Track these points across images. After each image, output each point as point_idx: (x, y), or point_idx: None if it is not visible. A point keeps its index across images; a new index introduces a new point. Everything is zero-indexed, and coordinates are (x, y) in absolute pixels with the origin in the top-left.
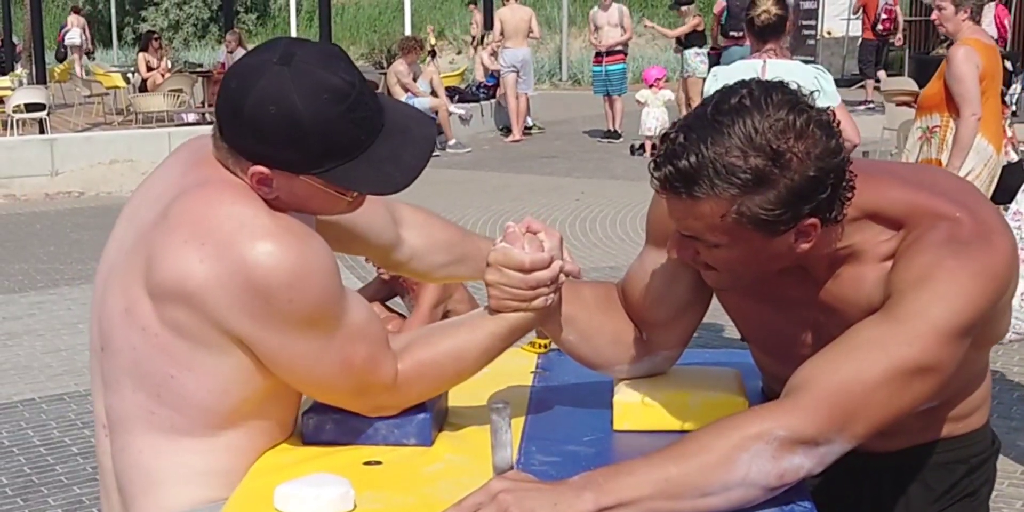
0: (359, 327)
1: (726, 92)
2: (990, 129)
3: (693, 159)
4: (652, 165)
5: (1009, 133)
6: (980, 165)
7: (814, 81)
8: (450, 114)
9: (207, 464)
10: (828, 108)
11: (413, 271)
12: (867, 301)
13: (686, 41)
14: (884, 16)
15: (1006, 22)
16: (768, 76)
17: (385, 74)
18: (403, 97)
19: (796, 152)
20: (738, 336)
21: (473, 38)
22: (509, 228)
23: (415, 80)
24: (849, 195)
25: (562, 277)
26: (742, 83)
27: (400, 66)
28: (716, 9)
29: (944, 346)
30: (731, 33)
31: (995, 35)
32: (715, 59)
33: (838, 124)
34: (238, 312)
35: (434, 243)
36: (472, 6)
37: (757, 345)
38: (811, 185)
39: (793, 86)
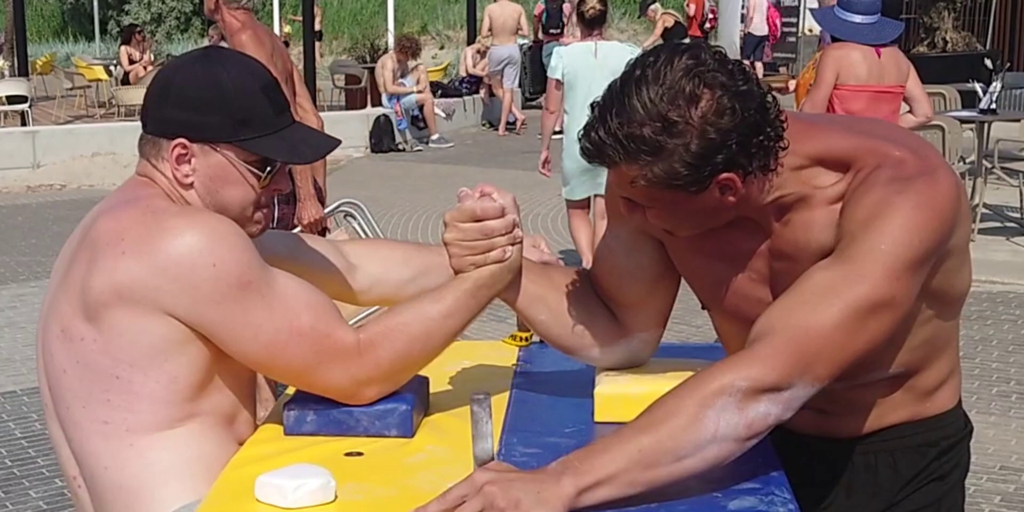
0: (295, 295)
1: (636, 63)
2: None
3: (601, 132)
4: (578, 138)
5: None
6: None
7: (628, 55)
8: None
9: (172, 456)
10: (739, 63)
11: (381, 296)
12: (818, 245)
13: (671, 37)
14: (710, 15)
15: (777, 22)
16: (599, 55)
17: (369, 68)
18: (386, 95)
19: (688, 118)
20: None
21: (320, 33)
22: (462, 191)
23: (403, 76)
24: (781, 145)
25: (518, 232)
26: (653, 51)
27: (388, 61)
28: (536, 11)
29: (895, 280)
30: (551, 31)
31: (766, 32)
32: (537, 51)
33: (746, 81)
34: (170, 291)
35: (389, 263)
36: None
37: (716, 309)
38: (710, 147)
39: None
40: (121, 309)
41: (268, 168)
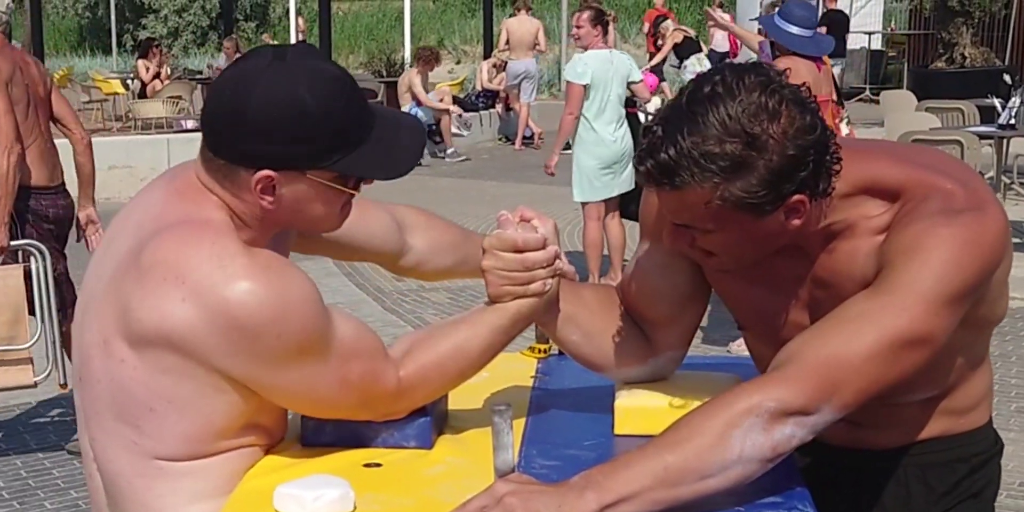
0: (350, 345)
1: (700, 81)
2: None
3: (672, 151)
4: (636, 160)
5: (845, 131)
6: None
7: (629, 63)
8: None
9: (201, 484)
10: (804, 85)
11: (420, 275)
12: (861, 274)
13: (681, 53)
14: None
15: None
16: (615, 62)
17: (385, 82)
18: (406, 106)
19: (771, 133)
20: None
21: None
22: (503, 215)
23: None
24: (837, 168)
25: (558, 263)
26: (716, 70)
27: (415, 76)
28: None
29: (934, 316)
30: None
31: (727, 49)
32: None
33: (814, 99)
34: (226, 352)
35: (438, 246)
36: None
37: (753, 332)
38: (791, 164)
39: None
40: (169, 352)
41: (360, 178)
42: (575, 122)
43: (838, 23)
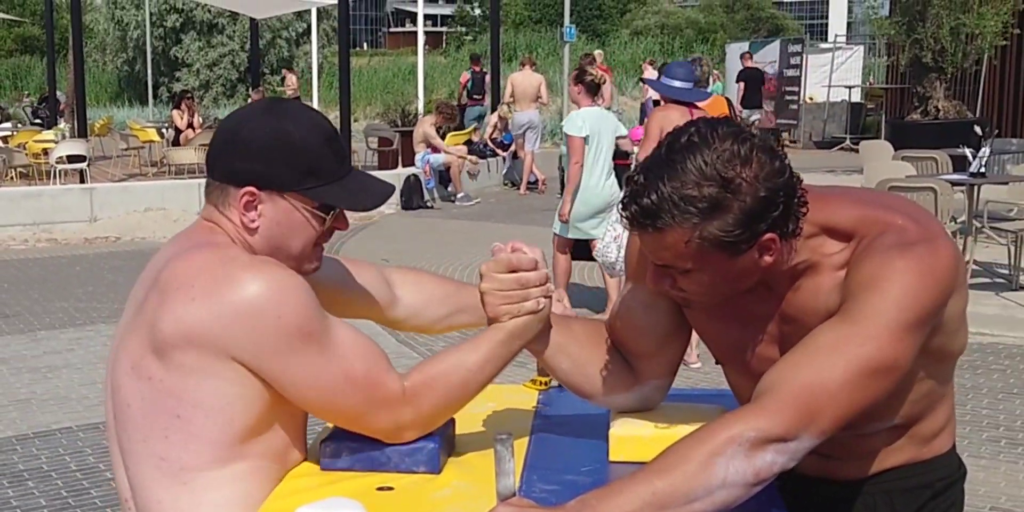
0: (351, 344)
1: (677, 133)
2: None
3: (654, 196)
4: (621, 205)
5: None
6: None
7: (615, 120)
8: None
9: (224, 496)
10: (772, 134)
11: (415, 327)
12: (824, 308)
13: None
14: None
15: None
16: (608, 118)
17: (400, 132)
18: (420, 154)
19: (744, 177)
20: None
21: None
22: (496, 246)
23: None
24: (804, 210)
25: (550, 286)
26: (691, 123)
27: (430, 127)
28: (462, 79)
29: (897, 343)
30: (474, 96)
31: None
32: (460, 113)
33: (782, 147)
34: (234, 337)
35: (429, 298)
36: (286, 70)
37: (730, 366)
38: (763, 204)
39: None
40: (189, 352)
41: (331, 212)
42: (581, 170)
43: (753, 79)
